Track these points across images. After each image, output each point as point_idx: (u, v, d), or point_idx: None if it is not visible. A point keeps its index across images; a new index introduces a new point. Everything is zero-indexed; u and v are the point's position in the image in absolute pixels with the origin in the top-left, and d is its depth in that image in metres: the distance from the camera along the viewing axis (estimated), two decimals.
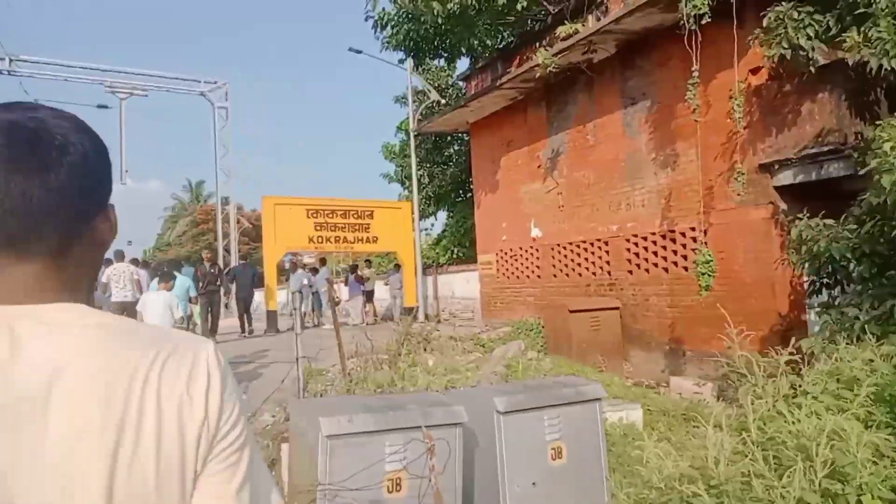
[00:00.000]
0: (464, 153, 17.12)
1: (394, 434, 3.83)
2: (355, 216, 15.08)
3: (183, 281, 10.68)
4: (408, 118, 17.38)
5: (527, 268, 12.61)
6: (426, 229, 18.35)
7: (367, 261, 17.76)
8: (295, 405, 4.38)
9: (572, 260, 11.36)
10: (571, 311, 9.71)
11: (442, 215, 18.72)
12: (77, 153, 0.76)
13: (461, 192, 17.86)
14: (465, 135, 17.33)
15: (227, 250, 20.03)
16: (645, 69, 9.75)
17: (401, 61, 14.20)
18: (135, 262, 12.32)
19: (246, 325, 14.13)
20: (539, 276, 12.28)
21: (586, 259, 11.02)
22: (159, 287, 8.27)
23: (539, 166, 12.18)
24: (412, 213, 16.10)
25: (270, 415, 7.00)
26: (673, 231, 9.34)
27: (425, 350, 8.90)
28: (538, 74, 10.07)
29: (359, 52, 15.01)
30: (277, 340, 12.52)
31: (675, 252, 9.35)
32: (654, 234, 9.65)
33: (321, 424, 3.65)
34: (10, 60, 17.50)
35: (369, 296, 17.13)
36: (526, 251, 12.62)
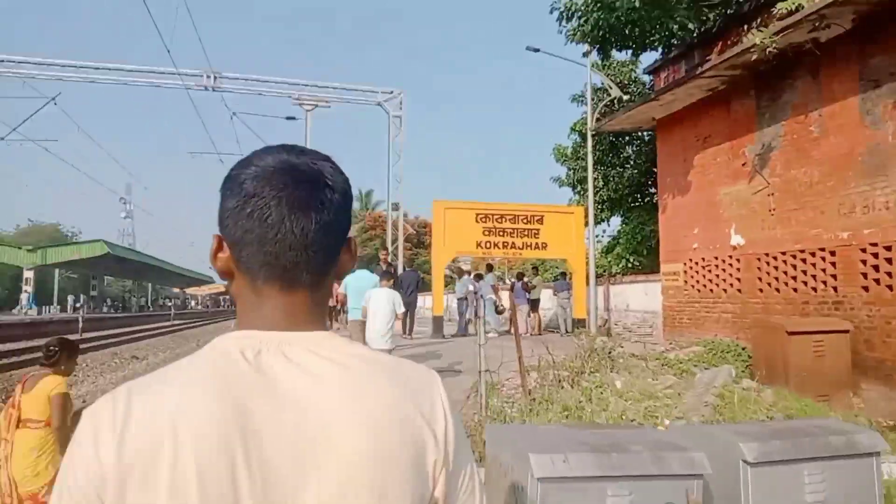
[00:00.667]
0: (643, 154, 15.74)
1: (619, 482, 3.04)
2: (524, 221, 14.42)
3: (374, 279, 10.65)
4: (582, 118, 16.38)
5: (723, 280, 11.04)
6: (598, 236, 17.15)
7: (533, 268, 16.98)
8: (493, 432, 3.71)
9: (784, 272, 9.67)
10: (790, 333, 8.14)
11: (615, 221, 17.42)
12: (339, 192, 0.83)
13: (638, 196, 16.45)
14: (647, 134, 15.95)
15: (394, 254, 20.42)
16: (893, 44, 7.94)
17: (584, 55, 13.25)
18: None
19: (408, 328, 14.03)
20: (739, 291, 10.67)
21: (804, 272, 9.29)
22: (382, 284, 8.39)
23: (744, 164, 10.60)
24: (585, 218, 15.05)
25: None
26: None
27: (612, 369, 7.90)
28: (755, 57, 8.67)
29: (536, 50, 14.34)
30: (446, 346, 12.17)
31: None
32: None
33: (532, 463, 2.96)
34: (215, 78, 19.25)
35: (534, 305, 16.33)
36: (723, 261, 11.06)
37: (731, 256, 10.88)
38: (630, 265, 15.47)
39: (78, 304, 36.04)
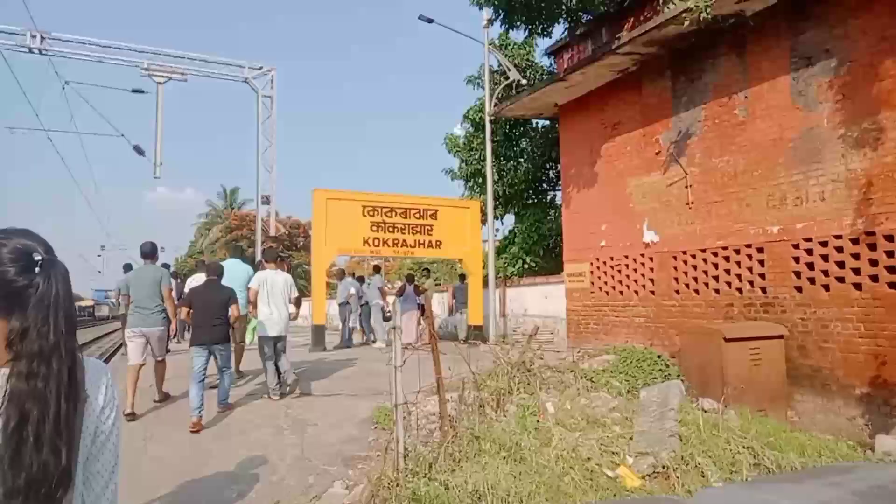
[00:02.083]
0: (540, 146, 14.80)
1: None
2: (417, 216, 12.87)
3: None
4: (476, 105, 15.15)
5: (635, 281, 10.17)
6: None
7: (425, 269, 15.49)
8: None
9: (705, 272, 8.89)
10: (728, 340, 7.24)
11: (509, 220, 16.39)
12: None
13: (533, 192, 15.51)
14: (543, 125, 15.04)
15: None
16: (829, 18, 7.32)
17: (490, 22, 11.89)
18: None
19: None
20: (652, 293, 9.82)
21: (727, 271, 8.54)
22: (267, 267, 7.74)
23: (658, 153, 9.77)
24: (482, 214, 13.78)
25: (344, 484, 4.70)
26: (872, 233, 6.85)
27: (540, 388, 6.52)
28: (685, 25, 7.74)
29: (430, 20, 12.86)
30: (329, 362, 10.26)
31: (874, 262, 6.85)
32: (839, 237, 7.16)
33: None
34: (42, 38, 15.84)
35: (425, 311, 14.83)
36: (634, 260, 10.19)
37: (643, 255, 10.02)
38: (527, 266, 14.43)
39: None
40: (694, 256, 9.10)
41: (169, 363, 7.35)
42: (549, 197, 15.96)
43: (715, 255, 8.72)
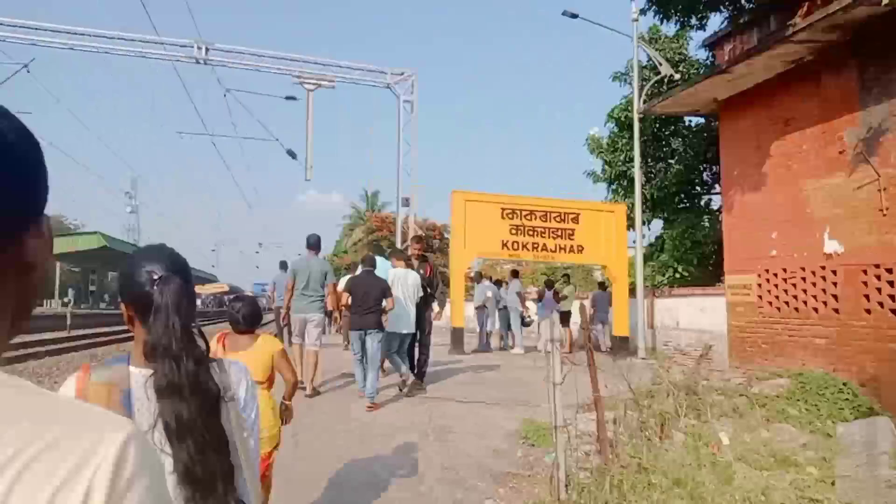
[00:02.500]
0: (693, 146, 13.67)
1: None
2: (558, 219, 12.34)
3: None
4: (621, 103, 14.33)
5: (813, 297, 8.94)
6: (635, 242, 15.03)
7: (564, 275, 14.91)
8: None
9: None
10: None
11: (656, 225, 15.34)
12: (17, 137, 0.58)
13: (686, 195, 14.37)
14: (696, 123, 13.90)
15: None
16: None
17: (641, 12, 11.16)
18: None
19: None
20: (836, 311, 8.56)
21: None
22: (395, 265, 7.92)
23: (841, 152, 8.53)
24: (628, 218, 12.95)
25: None
26: None
27: (709, 414, 5.80)
28: (884, 5, 6.61)
29: (574, 16, 12.32)
30: (466, 365, 10.04)
31: None
32: None
33: None
34: (207, 49, 17.26)
35: (564, 318, 14.23)
36: (812, 273, 8.97)
37: (823, 267, 8.78)
38: (678, 276, 13.37)
39: (66, 300, 34.27)
40: (890, 271, 7.80)
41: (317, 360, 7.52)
42: (703, 201, 14.73)
43: None
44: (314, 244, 7.73)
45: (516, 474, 4.98)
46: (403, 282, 7.60)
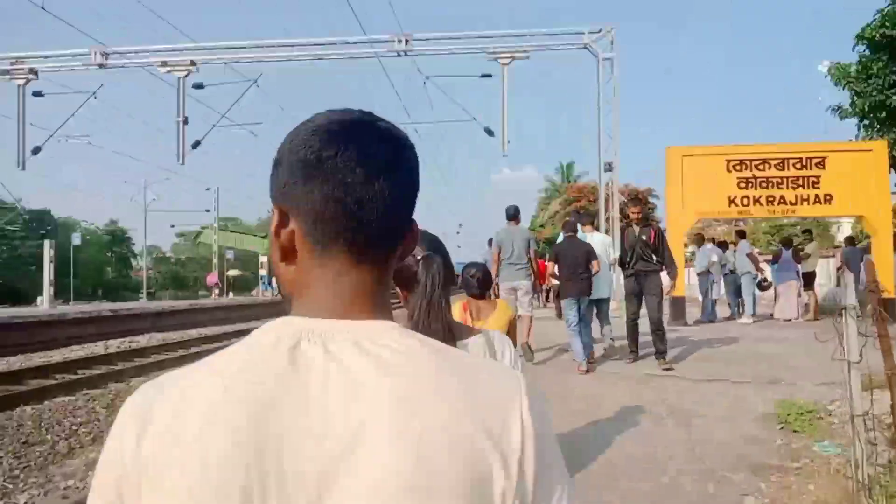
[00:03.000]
0: None
1: None
2: (798, 166, 10.62)
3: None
4: (875, 19, 11.77)
5: None
6: None
7: (806, 231, 12.90)
8: None
9: None
10: None
11: None
12: (414, 157, 0.75)
13: None
14: None
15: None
16: None
17: None
18: None
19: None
20: None
21: None
22: (585, 230, 8.20)
23: None
24: (893, 156, 10.69)
25: (758, 502, 3.72)
26: None
27: None
28: None
29: None
30: (691, 338, 9.08)
31: None
32: None
33: None
34: (406, 41, 17.86)
35: (808, 280, 12.31)
36: None
37: None
38: None
39: (265, 290, 38.21)
40: None
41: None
42: None
43: None
44: (514, 214, 7.75)
45: (779, 466, 4.21)
46: (594, 245, 7.57)
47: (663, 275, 7.01)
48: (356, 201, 0.67)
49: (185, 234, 62.94)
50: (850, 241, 13.07)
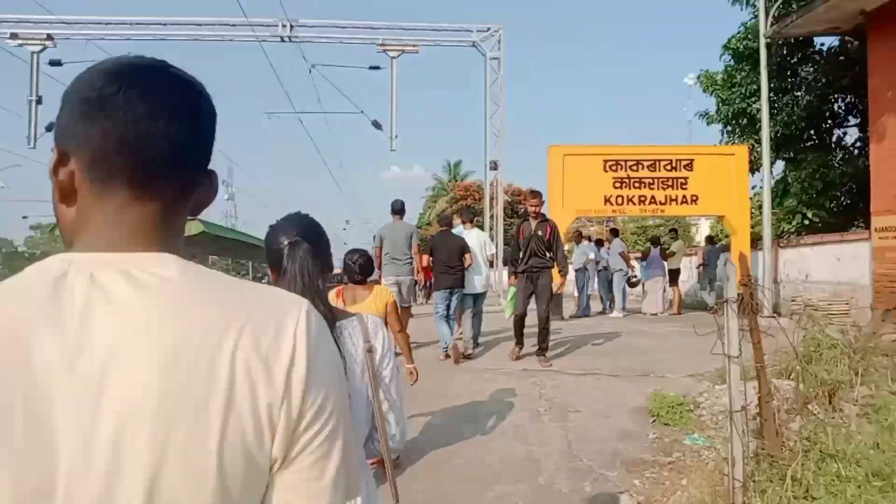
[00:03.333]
0: (827, 73, 11.85)
1: None
2: (668, 167, 11.13)
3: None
4: (739, 31, 12.62)
5: None
6: (754, 186, 13.39)
7: (672, 230, 13.62)
8: None
9: None
10: None
11: (777, 167, 13.59)
12: (210, 104, 0.75)
13: (815, 131, 12.59)
14: (837, 42, 12.02)
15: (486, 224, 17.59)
16: None
17: None
18: None
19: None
20: None
21: None
22: (467, 227, 8.14)
23: None
24: (751, 161, 11.46)
25: (634, 501, 3.62)
26: None
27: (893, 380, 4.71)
28: None
29: None
30: (569, 331, 9.20)
31: None
32: None
33: None
34: (291, 27, 16.94)
35: (673, 277, 13.01)
36: None
37: None
38: (807, 223, 11.78)
39: None
40: None
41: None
42: (833, 138, 12.89)
43: None
44: (399, 209, 7.67)
45: (653, 461, 4.17)
46: (470, 241, 7.62)
47: (553, 272, 6.92)
48: (137, 137, 0.67)
49: (41, 226, 57.07)
50: (710, 240, 13.98)
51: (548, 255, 6.82)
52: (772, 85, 11.26)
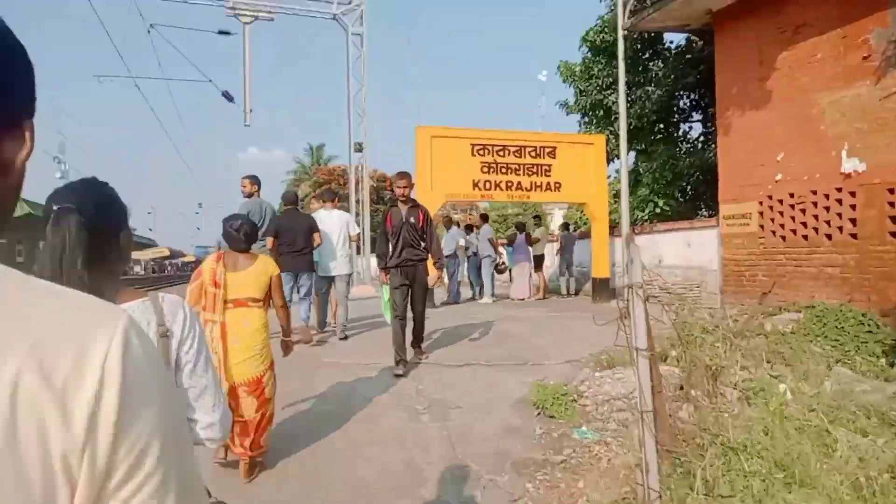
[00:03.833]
0: (675, 69, 12.54)
1: None
2: (533, 154, 11.14)
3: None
4: (596, 24, 12.99)
5: (826, 222, 8.09)
6: (610, 176, 13.97)
7: (535, 217, 13.80)
8: None
9: None
10: None
11: (631, 158, 14.26)
12: (11, 36, 0.57)
13: (664, 124, 13.33)
14: (684, 40, 12.76)
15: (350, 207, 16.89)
16: None
17: None
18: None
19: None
20: (854, 236, 7.74)
21: None
22: (328, 207, 7.69)
23: (866, 57, 7.54)
24: (608, 150, 11.81)
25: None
26: None
27: (768, 361, 4.80)
28: None
29: None
30: (441, 320, 8.84)
31: None
32: None
33: None
34: None
35: (538, 262, 13.21)
36: (826, 196, 8.09)
37: (839, 189, 7.90)
38: (658, 211, 12.44)
39: None
40: None
41: None
42: (680, 131, 13.75)
43: None
44: (294, 200, 7.40)
45: (543, 461, 3.85)
46: (328, 222, 7.34)
47: (429, 264, 6.20)
48: None
49: None
50: (566, 226, 14.42)
51: (422, 244, 6.02)
52: (626, 79, 11.68)
